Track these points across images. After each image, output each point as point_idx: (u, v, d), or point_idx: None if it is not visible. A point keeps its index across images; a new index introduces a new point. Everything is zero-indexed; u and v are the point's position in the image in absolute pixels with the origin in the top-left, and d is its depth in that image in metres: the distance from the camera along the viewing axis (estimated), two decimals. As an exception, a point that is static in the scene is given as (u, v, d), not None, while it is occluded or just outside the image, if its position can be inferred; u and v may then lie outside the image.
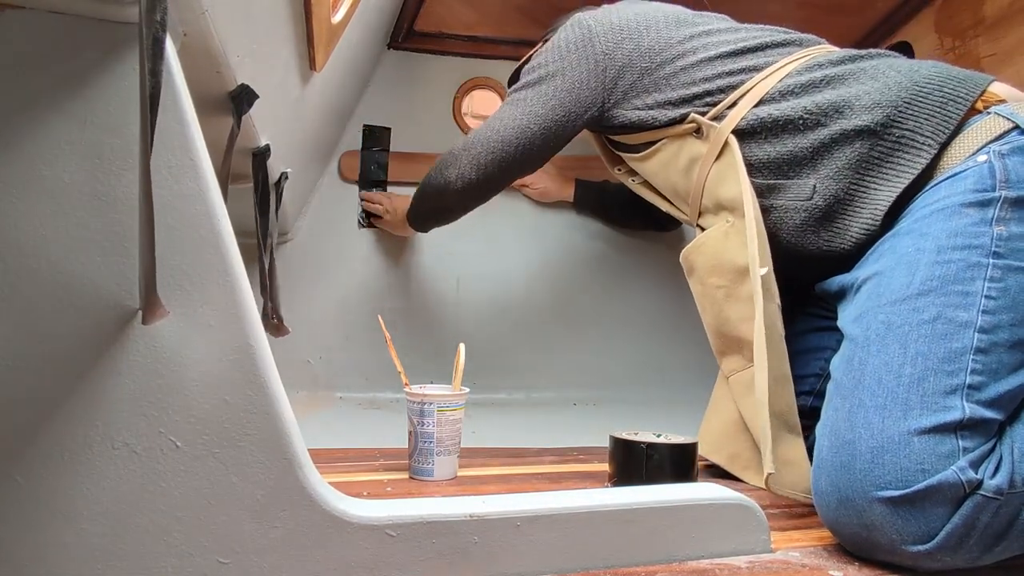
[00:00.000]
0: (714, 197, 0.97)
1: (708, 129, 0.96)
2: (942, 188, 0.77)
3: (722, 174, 0.95)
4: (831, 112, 0.88)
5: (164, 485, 0.49)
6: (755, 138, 0.93)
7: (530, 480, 0.90)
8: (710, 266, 0.97)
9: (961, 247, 0.70)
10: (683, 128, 0.99)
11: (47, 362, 0.48)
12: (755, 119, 0.92)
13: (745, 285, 0.92)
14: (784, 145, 0.91)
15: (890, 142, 0.84)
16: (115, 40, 0.50)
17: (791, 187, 0.91)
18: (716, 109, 0.96)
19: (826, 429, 0.71)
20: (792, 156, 0.90)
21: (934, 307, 0.68)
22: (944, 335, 0.66)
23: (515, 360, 1.52)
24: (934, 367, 0.65)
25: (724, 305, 0.96)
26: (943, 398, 0.63)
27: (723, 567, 0.61)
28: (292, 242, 1.47)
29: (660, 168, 1.05)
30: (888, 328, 0.70)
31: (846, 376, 0.71)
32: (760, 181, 0.93)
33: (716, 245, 0.96)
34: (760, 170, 0.93)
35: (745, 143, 0.93)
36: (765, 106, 0.93)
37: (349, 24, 1.06)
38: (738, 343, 0.95)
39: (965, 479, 0.60)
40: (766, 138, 0.92)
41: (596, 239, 1.59)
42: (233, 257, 0.52)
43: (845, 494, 0.64)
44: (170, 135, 0.49)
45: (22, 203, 0.48)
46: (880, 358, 0.68)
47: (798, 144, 0.90)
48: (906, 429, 0.63)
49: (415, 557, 0.55)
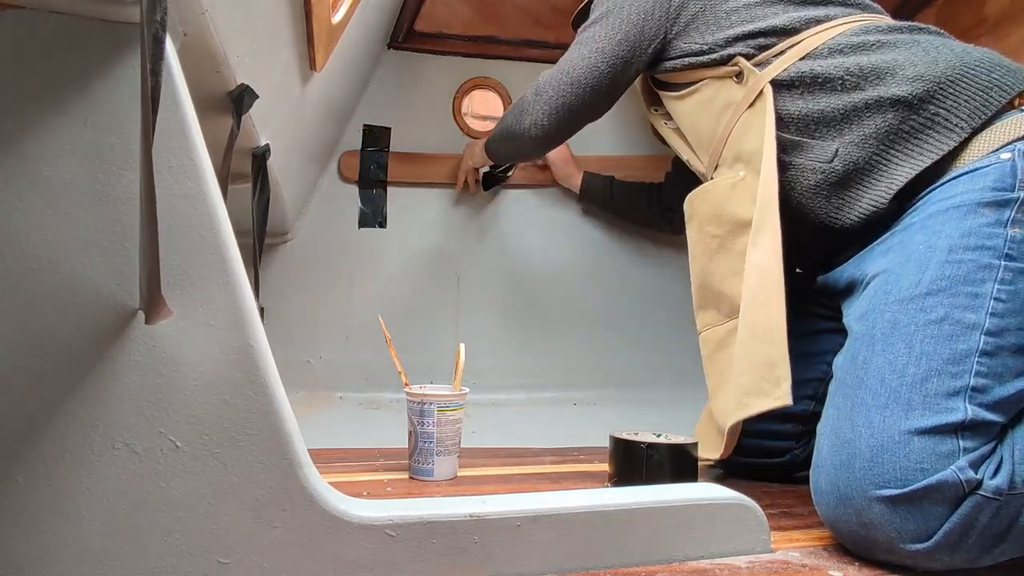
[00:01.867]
0: (735, 147, 0.96)
1: (748, 75, 0.94)
2: (961, 183, 0.75)
3: (749, 123, 0.93)
4: (872, 77, 0.86)
5: (164, 485, 0.50)
6: (791, 91, 0.91)
7: (530, 480, 0.90)
8: (711, 214, 0.96)
9: (974, 247, 0.69)
10: (726, 70, 0.97)
11: (47, 362, 0.48)
12: (796, 72, 0.90)
13: (740, 239, 0.91)
14: (817, 103, 0.89)
15: (923, 118, 0.82)
16: (115, 40, 0.50)
17: (814, 147, 0.89)
18: (763, 55, 0.94)
19: (827, 428, 0.70)
20: (822, 116, 0.88)
21: (942, 307, 0.67)
22: (951, 336, 0.66)
23: (515, 360, 1.52)
24: (938, 368, 0.65)
25: (715, 255, 0.95)
26: (946, 399, 0.63)
27: (723, 567, 0.61)
28: (292, 242, 1.48)
29: (694, 110, 1.04)
30: (894, 327, 0.69)
31: (849, 375, 0.71)
32: (785, 136, 0.91)
33: (721, 194, 0.95)
34: (787, 125, 0.91)
35: (780, 95, 0.91)
36: (810, 60, 0.90)
37: (349, 24, 1.06)
38: (718, 297, 0.95)
39: (964, 479, 0.60)
40: (801, 93, 0.90)
41: (597, 240, 1.59)
42: (233, 257, 0.52)
43: (844, 492, 0.65)
44: (170, 135, 0.49)
45: (22, 203, 0.48)
46: (884, 357, 0.68)
47: (831, 104, 0.88)
48: (907, 428, 0.63)
49: (415, 557, 0.55)
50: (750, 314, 0.85)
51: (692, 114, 1.05)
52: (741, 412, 0.83)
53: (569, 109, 1.09)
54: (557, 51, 1.55)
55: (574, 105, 1.08)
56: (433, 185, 1.54)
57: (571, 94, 1.07)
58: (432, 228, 1.54)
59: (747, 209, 0.90)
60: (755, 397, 0.82)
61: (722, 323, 0.94)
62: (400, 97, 1.54)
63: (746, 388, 0.82)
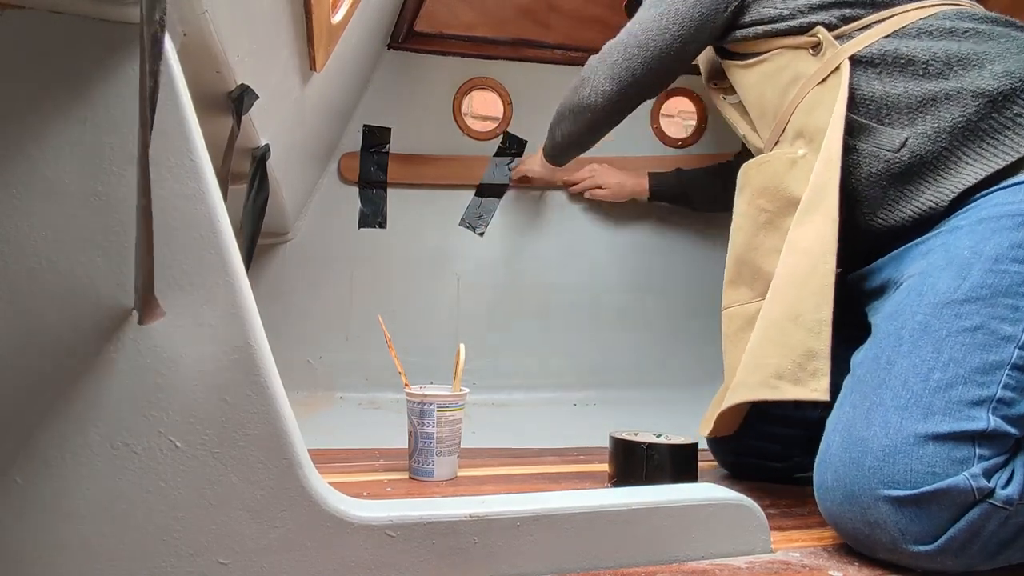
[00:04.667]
0: (799, 123, 0.90)
1: (827, 47, 0.88)
2: (1020, 191, 0.73)
3: (819, 99, 0.88)
4: (957, 66, 0.81)
5: (164, 485, 0.49)
6: (869, 70, 0.85)
7: (530, 480, 0.90)
8: (765, 187, 0.91)
9: (1022, 260, 0.67)
10: (803, 40, 0.90)
11: (47, 362, 0.48)
12: (879, 50, 0.85)
13: (790, 218, 0.86)
14: (895, 87, 0.83)
15: (1005, 117, 0.78)
16: (115, 40, 0.50)
17: (882, 134, 0.83)
18: (846, 27, 0.88)
19: (839, 424, 0.69)
20: (897, 100, 0.83)
21: (979, 316, 0.65)
22: (983, 346, 0.64)
23: (515, 360, 1.52)
24: (966, 376, 0.63)
25: (761, 230, 0.91)
26: (969, 408, 0.62)
27: (723, 567, 0.61)
28: (292, 242, 1.48)
29: (759, 80, 0.97)
30: (924, 330, 0.67)
31: (870, 373, 0.69)
32: (853, 117, 0.85)
33: (780, 168, 0.90)
34: (858, 106, 0.85)
35: (856, 72, 0.85)
36: (897, 39, 0.85)
37: (349, 24, 1.06)
38: (755, 273, 0.91)
39: (976, 486, 0.59)
40: (879, 73, 0.85)
41: (597, 239, 1.58)
42: (233, 257, 0.52)
43: (851, 490, 0.64)
44: (170, 135, 0.49)
45: (22, 203, 0.48)
46: (910, 359, 0.67)
47: (909, 89, 0.82)
48: (923, 432, 0.62)
49: (415, 557, 0.54)
50: (792, 295, 0.80)
51: (757, 85, 0.98)
52: (769, 392, 0.79)
53: (633, 74, 1.02)
54: (557, 51, 1.56)
55: (638, 72, 1.02)
56: (433, 186, 1.54)
57: (637, 58, 1.02)
58: (432, 228, 1.54)
59: (803, 188, 0.85)
60: (789, 384, 0.77)
61: (754, 301, 0.90)
62: (400, 97, 1.54)
63: (777, 371, 0.78)
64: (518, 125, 1.57)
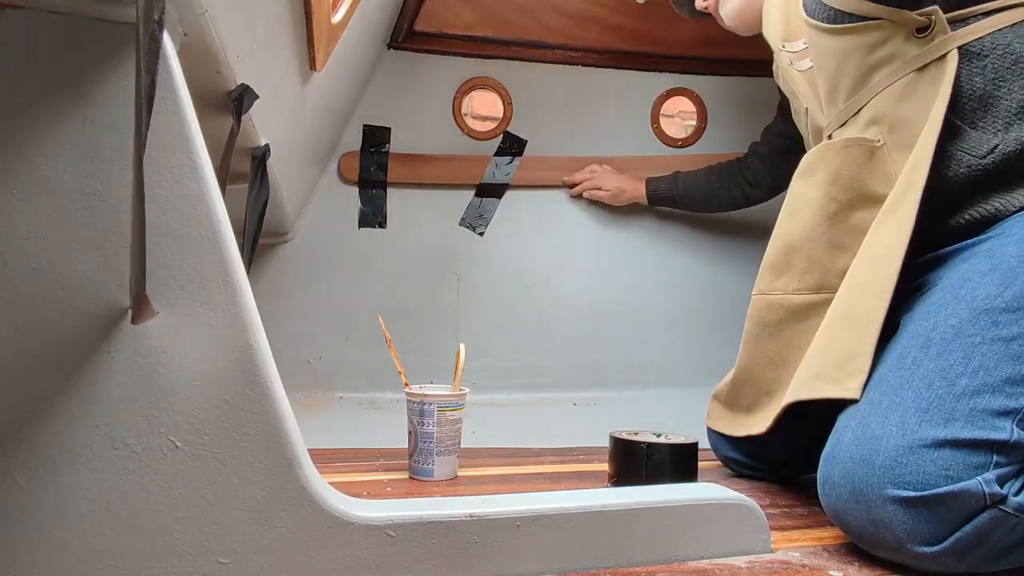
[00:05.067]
0: (880, 109, 0.83)
1: (938, 32, 0.78)
2: None
3: (913, 88, 0.80)
4: None
5: (164, 485, 0.49)
6: (976, 64, 0.77)
7: (530, 480, 0.90)
8: (838, 174, 0.85)
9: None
10: (912, 18, 0.79)
11: (47, 362, 0.48)
12: (993, 43, 0.77)
13: (858, 213, 0.83)
14: (999, 87, 0.76)
15: None
16: (115, 40, 0.50)
17: (971, 137, 0.77)
18: (963, 11, 0.78)
19: (853, 420, 0.68)
20: (997, 103, 0.77)
21: (1017, 326, 0.64)
22: (1018, 357, 0.63)
23: (515, 360, 1.52)
24: (995, 385, 0.62)
25: (827, 220, 0.85)
26: (994, 418, 0.61)
27: (723, 567, 0.61)
28: (292, 242, 1.48)
29: (845, 51, 0.86)
30: (957, 334, 0.66)
31: (893, 372, 0.68)
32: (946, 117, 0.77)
33: (860, 157, 0.83)
34: (954, 104, 0.77)
35: (962, 65, 0.77)
36: (1013, 32, 0.76)
37: (349, 24, 1.06)
38: (809, 265, 0.86)
39: (989, 491, 0.59)
40: (985, 69, 0.77)
41: (597, 239, 1.58)
42: (233, 257, 0.52)
43: (859, 487, 0.63)
44: (170, 135, 0.49)
45: (22, 203, 0.48)
46: (938, 363, 0.65)
47: (1012, 92, 0.76)
48: (942, 437, 0.61)
49: (415, 557, 0.54)
50: (848, 297, 0.77)
51: (840, 56, 0.87)
52: (806, 392, 0.76)
53: None
54: (557, 51, 1.56)
55: None
56: (433, 186, 1.54)
57: None
58: (432, 228, 1.54)
59: (880, 183, 0.80)
60: (825, 383, 0.74)
61: (799, 293, 0.86)
62: (400, 97, 1.54)
63: (819, 371, 0.76)
64: (518, 125, 1.57)
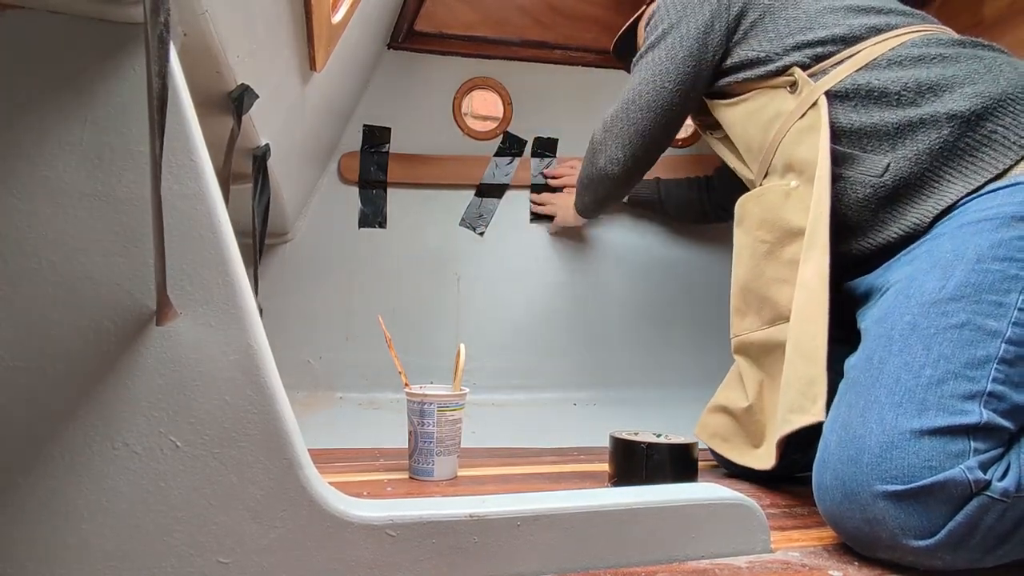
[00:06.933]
0: (786, 157, 0.94)
1: (803, 85, 0.92)
2: (999, 196, 0.75)
3: (802, 135, 0.92)
4: (928, 93, 0.84)
5: (164, 485, 0.50)
6: (845, 103, 0.89)
7: (530, 480, 0.90)
8: (763, 220, 0.95)
9: (1002, 258, 0.69)
10: (780, 80, 0.96)
11: (47, 363, 0.48)
12: (853, 84, 0.89)
13: (790, 247, 0.91)
14: (871, 116, 0.87)
15: (980, 135, 0.81)
16: (115, 40, 0.50)
17: (864, 161, 0.87)
18: (819, 65, 0.93)
19: (836, 424, 0.71)
20: (875, 130, 0.87)
21: (964, 313, 0.67)
22: (971, 342, 0.66)
23: (515, 360, 1.52)
24: (956, 371, 0.65)
25: (762, 260, 0.94)
26: (961, 402, 0.64)
27: (723, 567, 0.61)
28: (292, 242, 1.48)
29: (742, 118, 1.03)
30: (913, 329, 0.70)
31: (863, 374, 0.71)
32: (836, 148, 0.89)
33: (775, 201, 0.94)
34: (839, 137, 0.89)
35: (833, 106, 0.89)
36: (869, 72, 0.89)
37: (349, 24, 1.06)
38: (761, 302, 0.94)
39: (972, 479, 0.60)
40: (855, 106, 0.88)
41: (597, 239, 1.59)
42: (233, 257, 0.52)
43: (850, 488, 0.65)
44: (170, 135, 0.49)
45: (23, 203, 0.48)
46: (901, 358, 0.68)
47: (885, 118, 0.86)
48: (919, 427, 0.63)
49: (415, 557, 0.55)
50: (797, 330, 0.84)
51: (741, 122, 1.03)
52: (784, 427, 0.83)
53: (642, 136, 1.08)
54: (557, 51, 1.56)
55: (647, 131, 1.08)
56: (433, 186, 1.54)
57: (642, 120, 1.07)
58: (432, 228, 1.54)
59: (800, 218, 0.89)
60: (796, 414, 0.81)
61: (762, 329, 0.94)
62: (400, 97, 1.54)
63: (789, 405, 0.82)
64: (518, 125, 1.57)
